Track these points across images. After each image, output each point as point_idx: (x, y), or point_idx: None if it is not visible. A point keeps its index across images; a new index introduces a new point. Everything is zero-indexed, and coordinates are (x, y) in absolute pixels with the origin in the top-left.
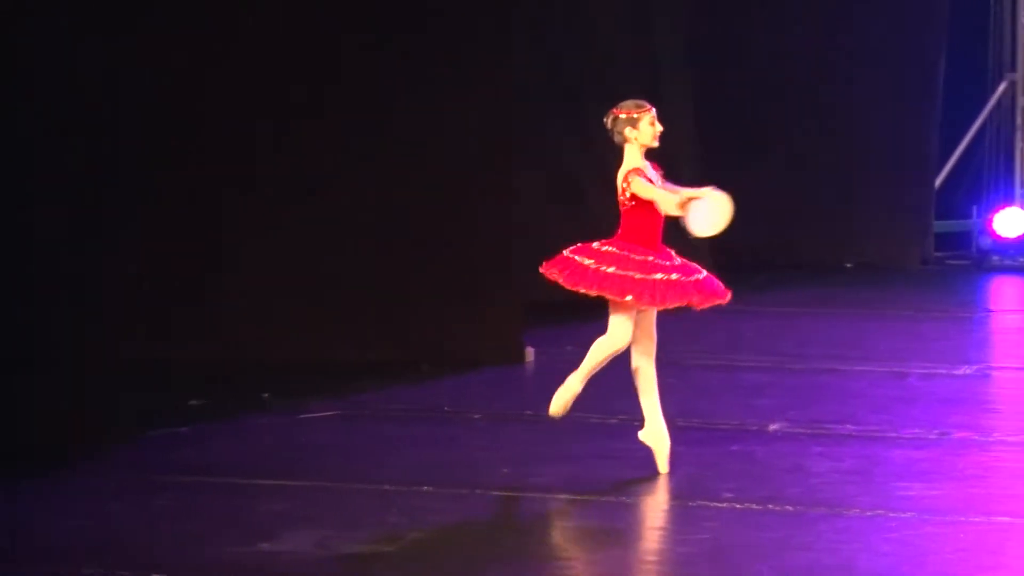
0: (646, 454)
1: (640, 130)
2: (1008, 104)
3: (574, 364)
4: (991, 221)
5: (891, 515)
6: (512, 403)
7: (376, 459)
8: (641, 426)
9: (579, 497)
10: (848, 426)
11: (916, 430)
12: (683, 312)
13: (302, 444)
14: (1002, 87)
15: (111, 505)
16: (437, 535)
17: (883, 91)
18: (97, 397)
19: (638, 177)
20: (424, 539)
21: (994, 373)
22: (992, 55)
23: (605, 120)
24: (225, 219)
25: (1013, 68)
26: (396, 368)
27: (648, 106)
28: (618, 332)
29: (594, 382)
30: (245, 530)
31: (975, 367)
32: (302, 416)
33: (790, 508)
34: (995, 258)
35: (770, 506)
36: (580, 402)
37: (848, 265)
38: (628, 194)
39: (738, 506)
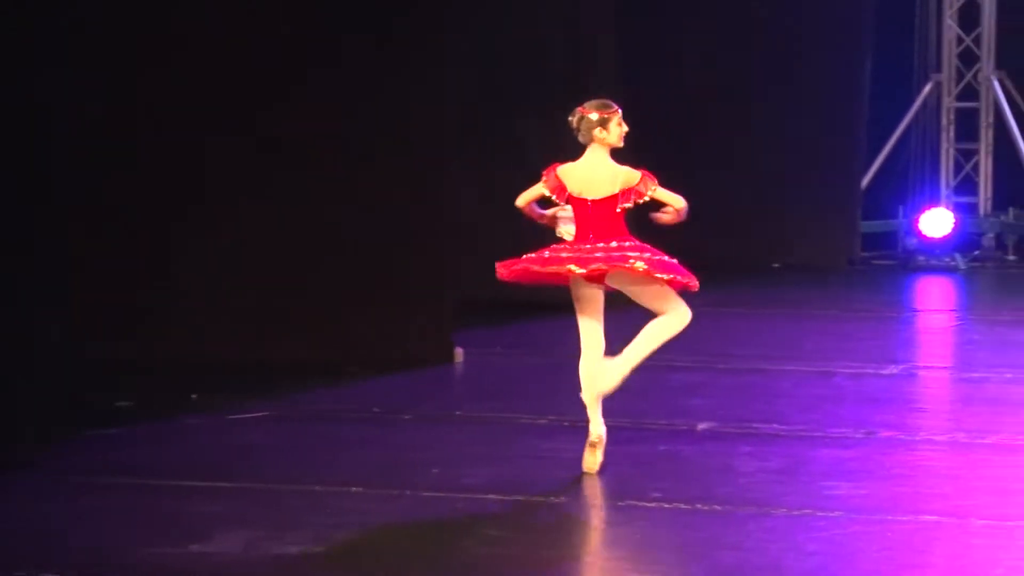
0: (575, 455)
1: (609, 131)
2: (934, 105)
3: (503, 364)
4: (917, 221)
5: (819, 514)
6: (442, 403)
7: (306, 460)
8: (571, 426)
9: (509, 497)
10: (775, 425)
11: (843, 429)
12: (614, 312)
13: (233, 445)
14: (927, 88)
15: (40, 507)
16: (367, 536)
17: (810, 92)
18: (25, 398)
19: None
20: (354, 540)
21: (920, 373)
22: (918, 56)
23: (570, 119)
24: (155, 221)
25: (938, 69)
26: (327, 369)
27: (615, 107)
28: (681, 308)
29: (525, 383)
30: (174, 531)
31: (901, 367)
32: (233, 417)
33: (718, 507)
34: (921, 258)
35: (699, 506)
36: (509, 403)
37: (776, 265)
38: (647, 198)
39: (667, 506)
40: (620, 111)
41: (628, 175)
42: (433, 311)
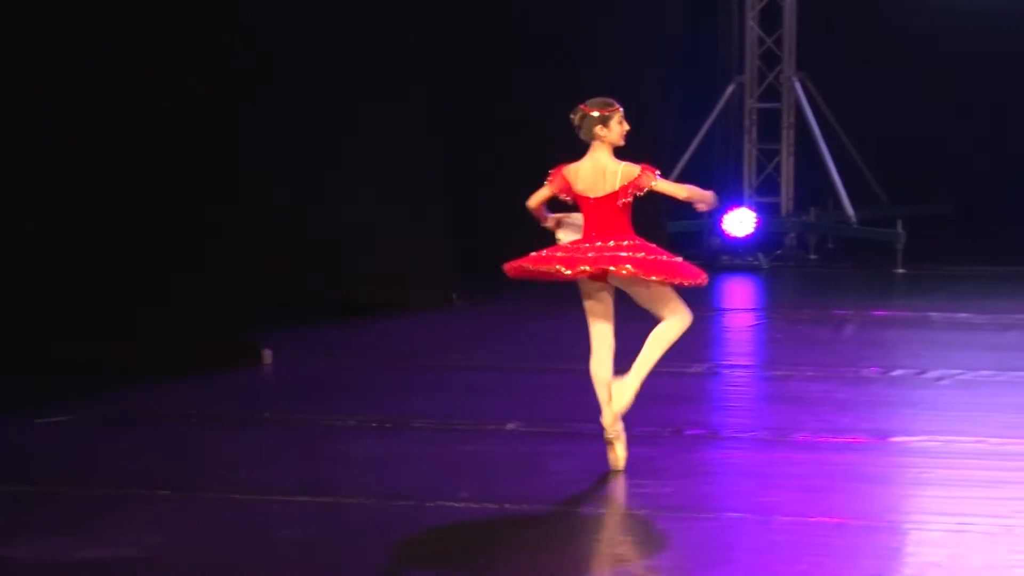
0: (384, 455)
1: (610, 128)
2: (736, 105)
3: (312, 367)
4: (721, 221)
5: (623, 512)
6: (249, 405)
7: (112, 464)
8: (378, 427)
9: (316, 499)
10: (583, 425)
11: (649, 428)
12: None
13: (36, 449)
14: (730, 89)
15: None
16: (175, 540)
17: (618, 92)
18: None
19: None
20: (162, 545)
21: (725, 371)
22: (721, 57)
23: (572, 116)
24: None
25: (741, 71)
26: (131, 372)
27: (617, 105)
28: (680, 311)
29: (334, 384)
30: None
31: (706, 365)
32: (37, 421)
33: (527, 507)
34: (725, 257)
35: (507, 505)
36: (318, 404)
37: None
38: (644, 192)
39: (475, 505)
40: (621, 109)
41: (628, 169)
42: (237, 314)
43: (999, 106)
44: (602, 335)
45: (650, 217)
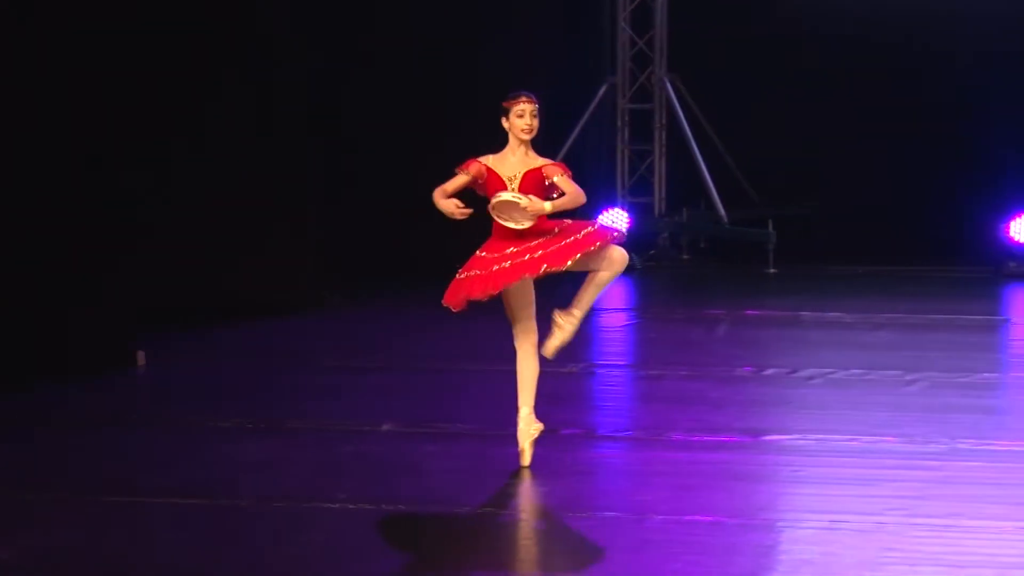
0: (261, 457)
1: (510, 121)
2: (609, 106)
3: (185, 369)
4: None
5: (502, 512)
6: (123, 407)
7: None
8: (253, 429)
9: (196, 501)
10: (460, 425)
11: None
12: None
13: None
14: (602, 89)
15: None
16: (47, 543)
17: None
18: None
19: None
20: (35, 548)
21: (599, 370)
22: (592, 58)
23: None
24: None
25: (613, 71)
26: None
27: (520, 98)
28: (614, 255)
29: (209, 387)
30: None
31: (581, 365)
32: None
33: (404, 507)
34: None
35: (383, 506)
36: (191, 406)
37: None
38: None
39: (352, 507)
40: (525, 103)
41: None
42: (115, 314)
43: (865, 107)
44: (527, 328)
45: None
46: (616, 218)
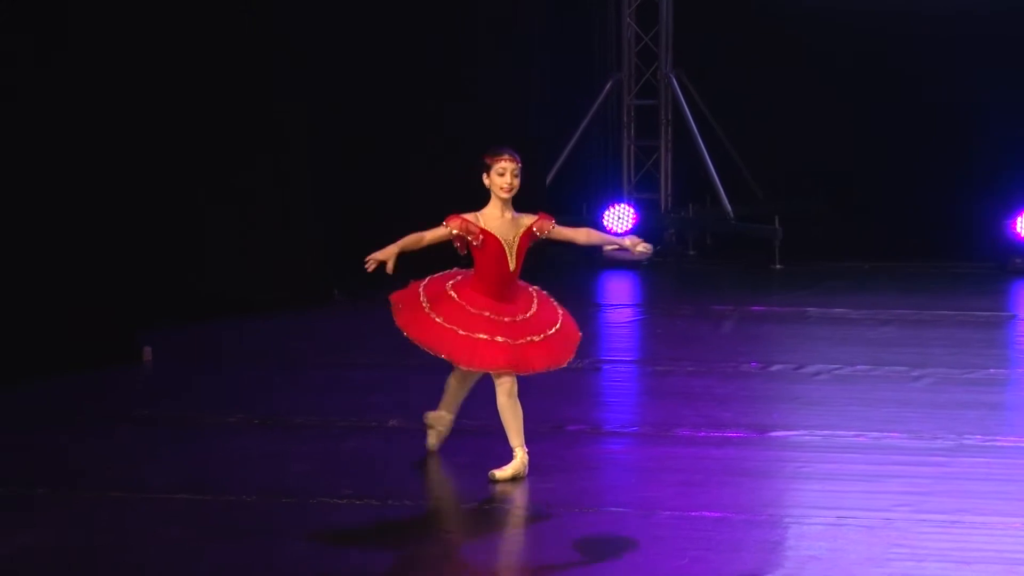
0: (265, 453)
1: (490, 178)
2: (615, 102)
3: (192, 365)
4: (602, 218)
5: (503, 507)
6: (129, 403)
7: None
8: (260, 424)
9: (197, 497)
10: (464, 421)
11: (530, 424)
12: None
13: None
14: (608, 86)
15: None
16: (53, 539)
17: (488, 91)
18: None
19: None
20: (39, 544)
21: (606, 366)
22: (598, 54)
23: None
24: None
25: (619, 67)
26: (6, 370)
27: (502, 156)
28: None
29: (216, 383)
30: None
31: (587, 360)
32: None
33: (409, 503)
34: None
35: (390, 502)
36: (198, 402)
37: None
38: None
39: (358, 502)
40: (507, 161)
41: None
42: (118, 309)
43: (872, 103)
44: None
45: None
46: (622, 214)
